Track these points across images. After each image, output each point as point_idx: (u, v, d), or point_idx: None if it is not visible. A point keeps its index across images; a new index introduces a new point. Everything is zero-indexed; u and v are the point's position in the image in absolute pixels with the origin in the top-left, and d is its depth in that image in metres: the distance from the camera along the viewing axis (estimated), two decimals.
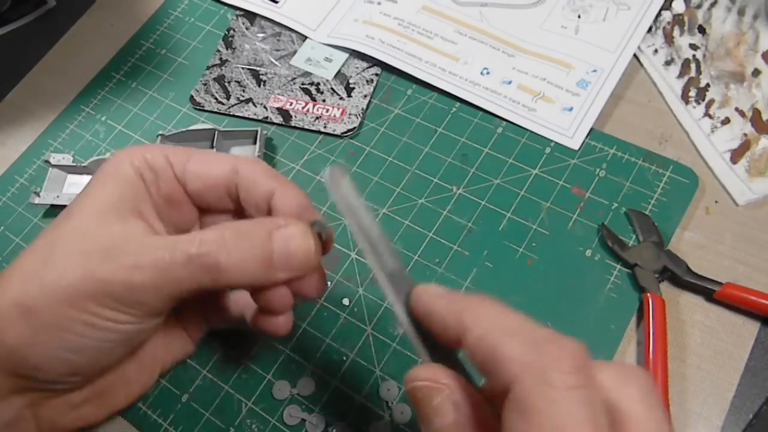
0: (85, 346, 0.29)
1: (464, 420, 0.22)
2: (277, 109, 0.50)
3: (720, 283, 0.38)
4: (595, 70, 0.48)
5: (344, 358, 0.39)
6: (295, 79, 0.51)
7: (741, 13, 0.48)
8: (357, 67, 0.51)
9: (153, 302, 0.29)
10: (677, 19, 0.49)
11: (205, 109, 0.51)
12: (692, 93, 0.46)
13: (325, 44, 0.53)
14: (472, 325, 0.22)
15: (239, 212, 0.34)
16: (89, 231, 0.30)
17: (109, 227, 0.30)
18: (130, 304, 0.29)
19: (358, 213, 0.26)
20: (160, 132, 0.48)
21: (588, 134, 0.45)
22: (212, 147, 0.47)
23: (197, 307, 0.37)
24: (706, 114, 0.45)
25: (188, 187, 0.33)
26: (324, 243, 0.31)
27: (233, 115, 0.51)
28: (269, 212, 0.32)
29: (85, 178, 0.49)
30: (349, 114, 0.49)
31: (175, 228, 0.34)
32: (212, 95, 0.52)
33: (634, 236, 0.41)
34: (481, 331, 0.22)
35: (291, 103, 0.50)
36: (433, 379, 0.23)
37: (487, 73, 0.49)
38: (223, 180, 0.33)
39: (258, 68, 0.52)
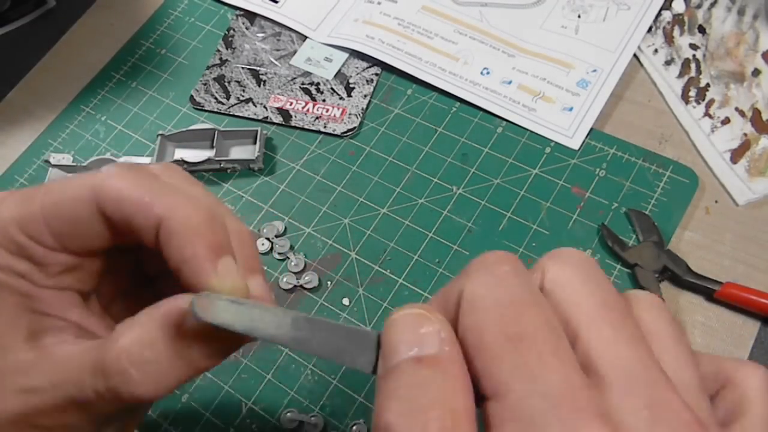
0: None
1: (447, 358, 0.17)
2: (277, 108, 0.50)
3: (720, 283, 0.38)
4: (595, 70, 0.48)
5: None
6: (295, 78, 0.51)
7: (741, 12, 0.48)
8: (357, 67, 0.51)
9: None
10: (677, 19, 0.49)
11: (205, 108, 0.51)
12: (692, 93, 0.46)
13: (325, 44, 0.53)
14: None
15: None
16: None
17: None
18: None
19: (253, 326, 0.21)
20: (160, 132, 0.48)
21: (588, 134, 0.45)
22: (212, 147, 0.47)
23: None
24: (706, 114, 0.45)
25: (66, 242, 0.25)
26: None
27: (233, 115, 0.51)
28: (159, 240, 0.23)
29: None
30: (349, 114, 0.49)
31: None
32: (212, 95, 0.52)
33: (634, 236, 0.41)
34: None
35: (291, 103, 0.50)
36: (427, 310, 0.19)
37: (487, 73, 0.49)
38: (83, 210, 0.24)
39: (258, 68, 0.52)
